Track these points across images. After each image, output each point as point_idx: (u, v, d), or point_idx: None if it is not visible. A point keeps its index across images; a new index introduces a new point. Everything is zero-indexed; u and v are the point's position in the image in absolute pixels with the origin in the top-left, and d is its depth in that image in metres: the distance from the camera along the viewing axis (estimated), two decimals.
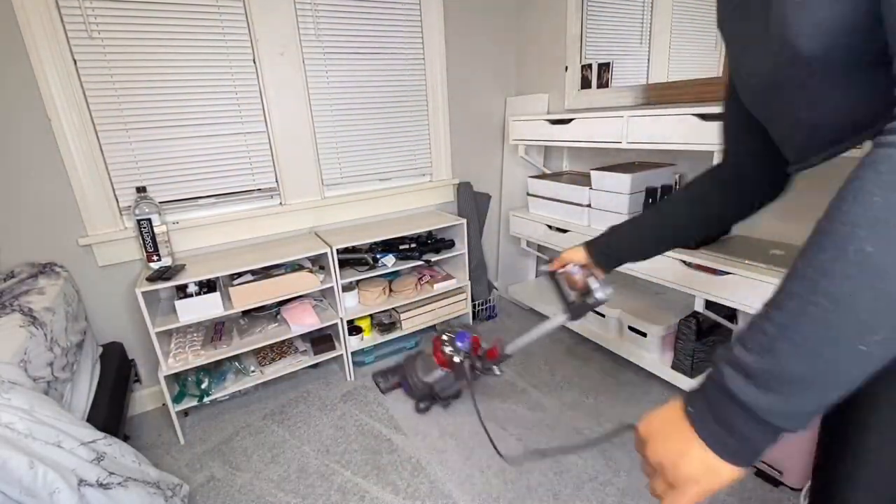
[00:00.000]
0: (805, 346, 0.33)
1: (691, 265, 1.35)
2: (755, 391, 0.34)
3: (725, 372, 0.37)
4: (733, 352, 0.37)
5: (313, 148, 1.92)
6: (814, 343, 0.32)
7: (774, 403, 0.34)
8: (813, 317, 0.32)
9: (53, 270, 1.50)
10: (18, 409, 0.91)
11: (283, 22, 1.74)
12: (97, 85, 1.52)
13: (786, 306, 0.34)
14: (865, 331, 0.31)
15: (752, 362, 0.35)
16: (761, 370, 0.34)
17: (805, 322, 0.33)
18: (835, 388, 0.33)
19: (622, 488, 1.31)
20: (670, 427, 0.42)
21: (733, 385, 0.36)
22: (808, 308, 0.32)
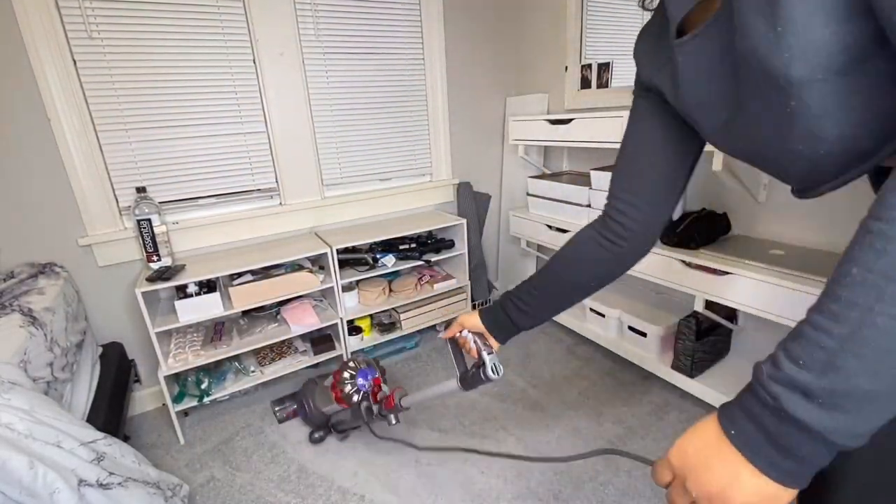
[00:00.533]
0: (874, 359, 0.30)
1: (691, 265, 1.35)
2: (819, 412, 0.32)
3: (780, 393, 0.34)
4: (784, 370, 0.34)
5: (313, 148, 1.92)
6: (884, 355, 0.30)
7: (841, 423, 0.31)
8: (881, 327, 0.30)
9: (53, 271, 1.50)
10: (18, 409, 0.91)
11: (282, 22, 1.74)
12: (97, 85, 1.52)
13: (846, 317, 0.31)
14: None
15: (812, 381, 0.32)
16: (824, 389, 0.32)
17: (872, 333, 0.30)
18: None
19: (622, 488, 1.31)
20: (711, 453, 0.38)
21: (792, 407, 0.33)
22: (876, 318, 0.30)
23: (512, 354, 2.03)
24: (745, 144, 0.47)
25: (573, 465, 1.40)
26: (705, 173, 1.58)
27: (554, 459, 0.72)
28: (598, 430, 1.54)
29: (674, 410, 1.61)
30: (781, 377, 0.34)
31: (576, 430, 1.55)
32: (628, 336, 1.70)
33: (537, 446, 1.48)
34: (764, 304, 1.20)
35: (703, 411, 1.59)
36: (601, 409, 1.65)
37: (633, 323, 1.66)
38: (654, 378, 1.79)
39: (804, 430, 0.33)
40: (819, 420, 0.32)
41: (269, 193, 1.89)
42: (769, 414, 0.35)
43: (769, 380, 0.35)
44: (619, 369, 1.87)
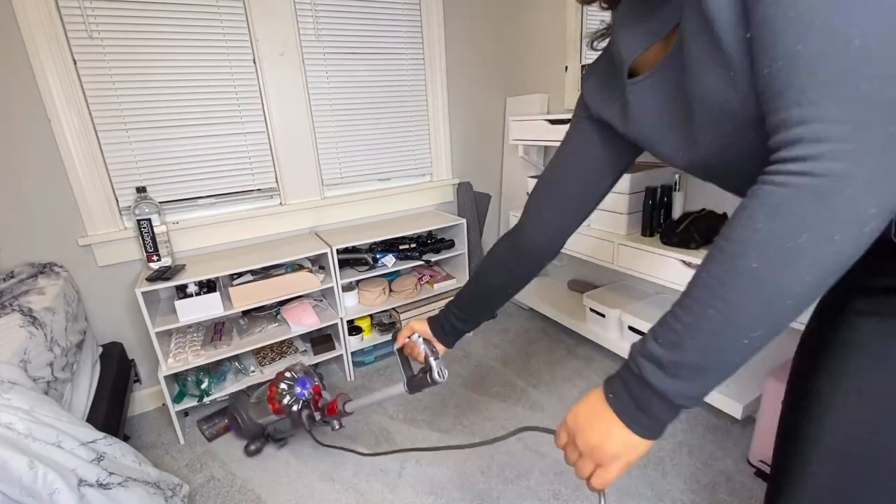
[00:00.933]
0: (705, 341, 0.40)
1: (691, 265, 1.35)
2: (666, 379, 0.42)
3: (642, 364, 0.44)
4: (648, 346, 0.44)
5: (313, 148, 1.92)
6: (711, 340, 0.40)
7: (681, 388, 0.42)
8: (711, 319, 0.39)
9: (53, 270, 1.50)
10: (18, 409, 0.91)
11: (282, 22, 1.74)
12: (97, 85, 1.52)
13: (691, 309, 0.41)
14: (749, 329, 0.38)
15: (664, 356, 0.42)
16: (671, 362, 0.42)
17: (706, 323, 0.40)
18: (724, 373, 0.42)
19: (622, 488, 1.31)
20: (594, 414, 0.50)
21: (649, 375, 0.43)
22: (708, 311, 0.39)
23: (512, 355, 2.03)
24: (702, 166, 0.52)
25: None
26: None
27: (478, 444, 0.82)
28: None
29: None
30: (645, 352, 0.44)
31: None
32: (628, 336, 1.70)
33: (538, 446, 1.48)
34: None
35: (703, 412, 1.59)
36: None
37: (633, 323, 1.66)
38: None
39: (656, 393, 0.43)
40: (666, 385, 0.42)
41: (269, 193, 1.89)
42: (636, 381, 0.45)
43: (638, 354, 0.45)
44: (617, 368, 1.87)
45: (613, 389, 0.48)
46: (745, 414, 1.37)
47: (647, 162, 1.74)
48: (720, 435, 1.49)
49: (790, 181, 0.34)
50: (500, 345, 2.12)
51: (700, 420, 1.56)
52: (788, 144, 0.35)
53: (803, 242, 0.34)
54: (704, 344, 0.40)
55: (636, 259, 1.52)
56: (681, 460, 1.40)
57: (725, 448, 1.43)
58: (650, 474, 1.35)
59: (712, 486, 1.30)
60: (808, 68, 0.33)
